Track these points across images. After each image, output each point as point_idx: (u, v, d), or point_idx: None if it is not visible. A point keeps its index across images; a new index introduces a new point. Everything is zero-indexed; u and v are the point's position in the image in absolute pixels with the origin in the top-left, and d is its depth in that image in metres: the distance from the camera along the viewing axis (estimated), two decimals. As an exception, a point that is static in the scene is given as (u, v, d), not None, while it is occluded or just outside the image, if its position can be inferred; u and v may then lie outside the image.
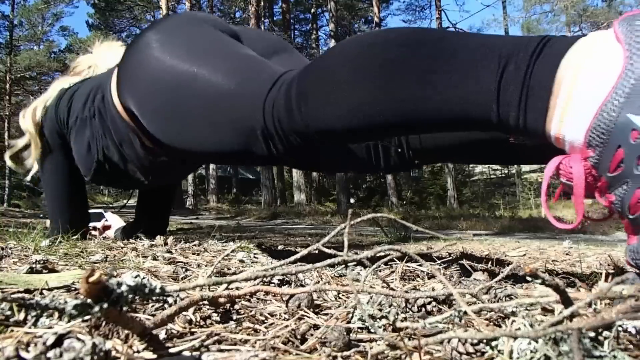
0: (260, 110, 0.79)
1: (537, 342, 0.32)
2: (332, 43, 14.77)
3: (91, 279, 0.30)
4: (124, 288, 0.32)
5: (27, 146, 1.38)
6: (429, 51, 0.63)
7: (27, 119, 1.33)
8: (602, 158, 0.51)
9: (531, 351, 0.32)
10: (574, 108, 0.52)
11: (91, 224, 1.68)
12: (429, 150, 1.07)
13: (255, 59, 0.92)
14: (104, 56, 1.50)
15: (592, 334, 0.32)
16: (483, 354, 0.37)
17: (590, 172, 0.53)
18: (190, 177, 14.32)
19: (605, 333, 0.32)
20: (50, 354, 0.30)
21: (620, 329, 0.36)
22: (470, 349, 0.37)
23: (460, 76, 0.59)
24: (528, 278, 0.35)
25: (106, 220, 1.82)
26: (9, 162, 1.41)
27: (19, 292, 0.54)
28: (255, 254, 1.09)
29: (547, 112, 0.54)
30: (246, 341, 0.41)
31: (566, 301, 0.37)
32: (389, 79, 0.64)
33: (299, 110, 0.74)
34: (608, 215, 0.57)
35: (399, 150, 1.10)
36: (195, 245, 1.19)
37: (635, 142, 0.48)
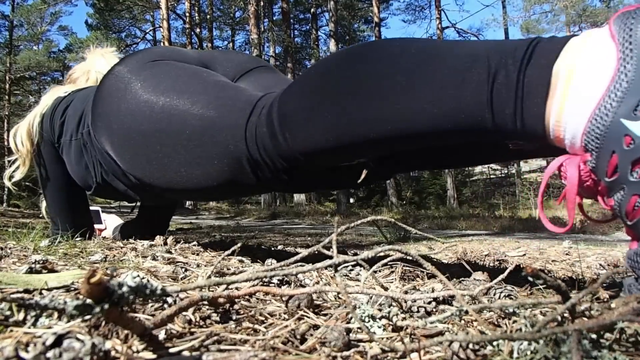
0: (242, 139, 0.78)
1: (537, 342, 0.32)
2: (332, 43, 14.78)
3: (92, 280, 0.30)
4: (124, 289, 0.32)
5: (18, 167, 1.37)
6: (413, 63, 0.61)
7: (22, 133, 1.31)
8: (599, 163, 0.50)
9: (531, 352, 0.32)
10: (568, 111, 0.51)
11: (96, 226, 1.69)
12: (394, 160, 0.98)
13: (228, 86, 0.89)
14: (97, 64, 1.50)
15: (593, 336, 0.32)
16: (484, 355, 0.37)
17: (590, 176, 0.52)
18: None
19: (607, 335, 0.32)
20: (49, 354, 0.30)
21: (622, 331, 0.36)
22: (471, 349, 0.37)
23: (449, 89, 0.57)
24: (530, 278, 0.35)
25: (101, 224, 1.82)
26: (10, 186, 1.40)
27: (18, 292, 0.54)
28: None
29: (544, 116, 0.53)
30: (246, 341, 0.41)
31: (567, 302, 0.37)
32: (373, 97, 0.63)
33: (283, 135, 0.73)
34: (611, 217, 0.55)
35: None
36: (194, 245, 1.19)
37: (628, 147, 0.46)
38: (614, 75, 0.48)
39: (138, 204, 1.52)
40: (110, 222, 1.80)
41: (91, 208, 1.58)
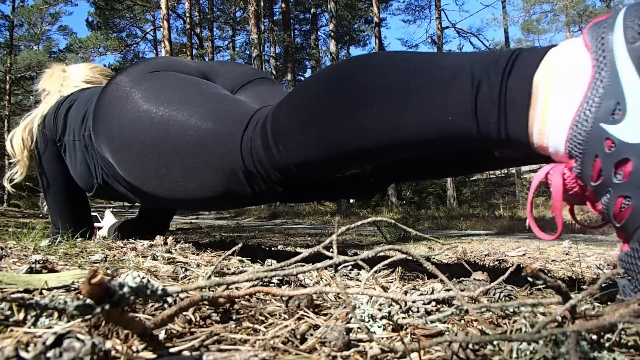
0: (238, 151, 0.79)
1: (537, 343, 0.32)
2: (332, 43, 14.77)
3: (93, 280, 0.30)
4: (125, 289, 0.32)
5: (18, 169, 1.37)
6: (400, 77, 0.63)
7: (19, 136, 1.31)
8: (584, 168, 0.51)
9: (531, 352, 0.32)
10: (550, 120, 0.52)
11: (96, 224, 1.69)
12: (388, 171, 0.99)
13: (226, 99, 0.90)
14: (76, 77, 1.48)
15: (594, 337, 0.32)
16: (484, 355, 0.37)
17: (576, 182, 0.53)
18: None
19: (608, 336, 0.32)
20: (49, 353, 0.30)
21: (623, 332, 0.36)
22: (471, 348, 0.37)
23: (435, 100, 0.59)
24: (529, 279, 0.35)
25: (99, 222, 1.82)
26: (10, 188, 1.40)
27: (18, 292, 0.54)
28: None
29: (527, 125, 0.54)
30: (246, 341, 0.41)
31: (567, 302, 0.37)
32: (363, 109, 0.64)
33: (277, 147, 0.74)
34: (602, 222, 0.56)
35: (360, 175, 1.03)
36: (194, 245, 1.19)
37: (610, 150, 0.48)
38: (590, 82, 0.49)
39: (136, 204, 1.52)
40: (106, 221, 1.80)
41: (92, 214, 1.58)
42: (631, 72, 0.47)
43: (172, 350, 0.38)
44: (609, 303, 0.56)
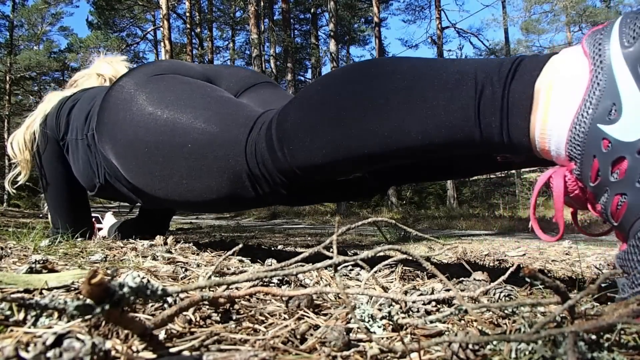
0: (242, 154, 0.80)
1: (536, 343, 0.32)
2: (332, 43, 14.77)
3: (93, 280, 0.30)
4: (125, 290, 0.32)
5: (20, 171, 1.38)
6: (406, 82, 0.64)
7: (20, 138, 1.32)
8: (583, 169, 0.52)
9: (530, 352, 0.32)
10: (551, 123, 0.54)
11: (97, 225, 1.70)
12: (392, 172, 1.00)
13: (231, 102, 0.91)
14: (102, 69, 1.51)
15: (594, 337, 0.32)
16: (484, 355, 0.37)
17: (576, 184, 0.54)
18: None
19: (607, 336, 0.32)
20: (49, 353, 0.30)
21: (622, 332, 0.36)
22: (471, 349, 0.37)
23: (439, 105, 0.60)
24: (527, 279, 0.35)
25: (100, 223, 1.82)
26: (11, 190, 1.40)
27: (18, 292, 0.54)
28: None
29: (529, 128, 0.56)
30: (246, 341, 0.41)
31: (566, 302, 0.37)
32: (369, 113, 0.66)
33: (282, 150, 0.75)
34: (605, 230, 0.58)
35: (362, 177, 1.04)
36: (194, 245, 1.19)
37: (606, 150, 0.49)
38: (588, 86, 0.51)
39: (137, 204, 1.52)
40: (107, 222, 1.80)
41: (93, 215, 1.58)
42: (626, 74, 0.49)
43: (172, 350, 0.38)
44: (608, 303, 0.56)
